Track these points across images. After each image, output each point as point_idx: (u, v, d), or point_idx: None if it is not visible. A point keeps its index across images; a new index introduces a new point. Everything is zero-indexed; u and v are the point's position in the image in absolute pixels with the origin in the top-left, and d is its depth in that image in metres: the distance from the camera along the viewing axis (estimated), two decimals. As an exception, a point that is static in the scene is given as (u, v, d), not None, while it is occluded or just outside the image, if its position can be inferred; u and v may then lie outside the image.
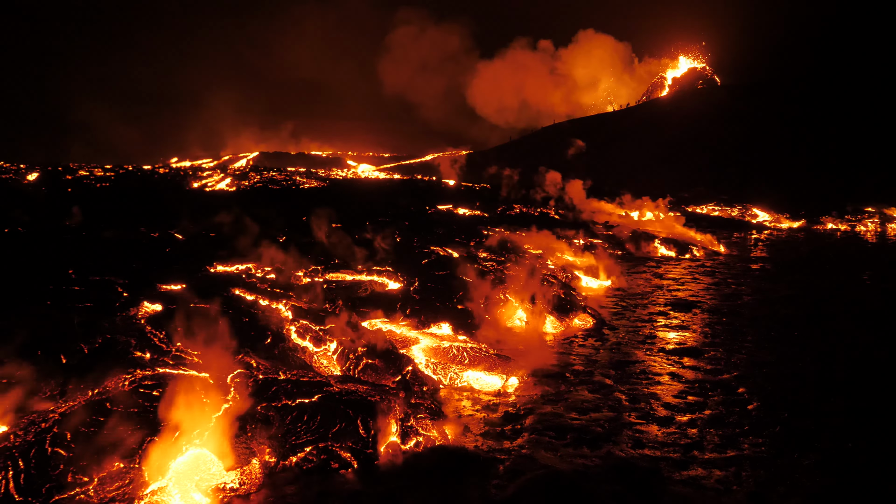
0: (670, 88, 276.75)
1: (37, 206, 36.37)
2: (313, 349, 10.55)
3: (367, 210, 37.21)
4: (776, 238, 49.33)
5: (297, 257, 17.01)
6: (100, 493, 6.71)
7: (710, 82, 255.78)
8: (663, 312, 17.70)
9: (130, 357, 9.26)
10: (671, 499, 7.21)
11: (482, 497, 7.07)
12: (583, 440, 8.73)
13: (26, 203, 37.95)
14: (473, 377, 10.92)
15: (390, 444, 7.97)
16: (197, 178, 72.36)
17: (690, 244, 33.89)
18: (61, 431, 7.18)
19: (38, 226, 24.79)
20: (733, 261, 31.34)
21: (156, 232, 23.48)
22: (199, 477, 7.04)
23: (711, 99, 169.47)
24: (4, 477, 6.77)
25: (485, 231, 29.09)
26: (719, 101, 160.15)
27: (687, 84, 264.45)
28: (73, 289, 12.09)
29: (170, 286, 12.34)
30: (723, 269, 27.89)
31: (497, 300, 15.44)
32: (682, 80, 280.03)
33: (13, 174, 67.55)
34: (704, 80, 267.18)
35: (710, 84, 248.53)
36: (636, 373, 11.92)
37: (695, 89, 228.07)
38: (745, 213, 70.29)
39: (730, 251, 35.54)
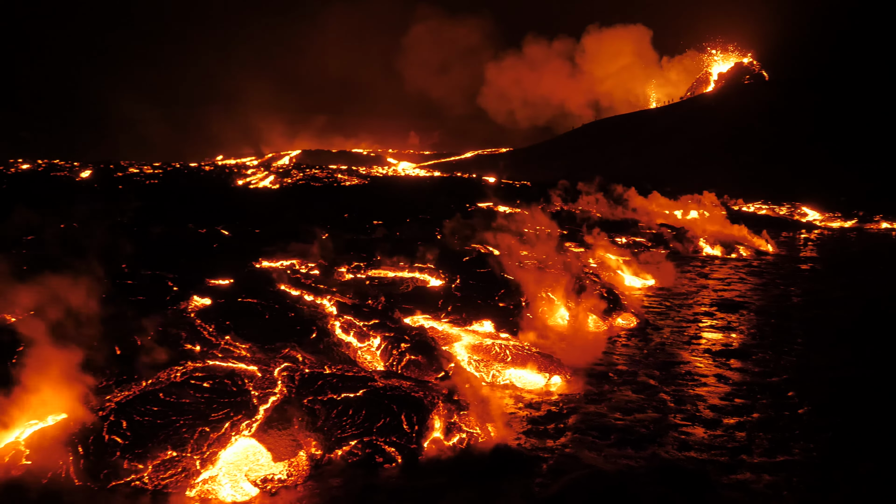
0: (716, 84, 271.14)
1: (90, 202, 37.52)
2: (357, 345, 10.67)
3: (407, 207, 37.41)
4: (827, 237, 47.99)
5: (339, 254, 17.21)
6: (154, 479, 6.92)
7: (758, 77, 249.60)
8: (709, 313, 17.40)
9: (181, 349, 9.50)
10: (719, 502, 7.10)
11: (525, 495, 7.07)
12: (627, 441, 8.66)
13: (80, 199, 39.18)
14: (516, 375, 10.92)
15: (434, 439, 8.02)
16: (241, 176, 73.62)
17: (737, 243, 33.19)
18: (117, 420, 7.43)
19: (91, 221, 25.56)
20: (782, 261, 30.61)
21: (203, 228, 24.01)
22: (248, 467, 7.20)
23: (759, 94, 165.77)
24: (65, 462, 7.03)
25: (525, 228, 28.97)
26: (767, 97, 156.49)
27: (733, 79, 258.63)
28: (126, 283, 12.45)
29: (218, 281, 12.62)
30: (771, 269, 27.26)
31: (539, 298, 15.37)
32: (728, 76, 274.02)
33: (68, 171, 69.73)
34: (752, 75, 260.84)
35: (757, 79, 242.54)
36: (681, 374, 11.75)
37: (741, 85, 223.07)
38: (794, 212, 68.51)
39: (778, 251, 34.69)
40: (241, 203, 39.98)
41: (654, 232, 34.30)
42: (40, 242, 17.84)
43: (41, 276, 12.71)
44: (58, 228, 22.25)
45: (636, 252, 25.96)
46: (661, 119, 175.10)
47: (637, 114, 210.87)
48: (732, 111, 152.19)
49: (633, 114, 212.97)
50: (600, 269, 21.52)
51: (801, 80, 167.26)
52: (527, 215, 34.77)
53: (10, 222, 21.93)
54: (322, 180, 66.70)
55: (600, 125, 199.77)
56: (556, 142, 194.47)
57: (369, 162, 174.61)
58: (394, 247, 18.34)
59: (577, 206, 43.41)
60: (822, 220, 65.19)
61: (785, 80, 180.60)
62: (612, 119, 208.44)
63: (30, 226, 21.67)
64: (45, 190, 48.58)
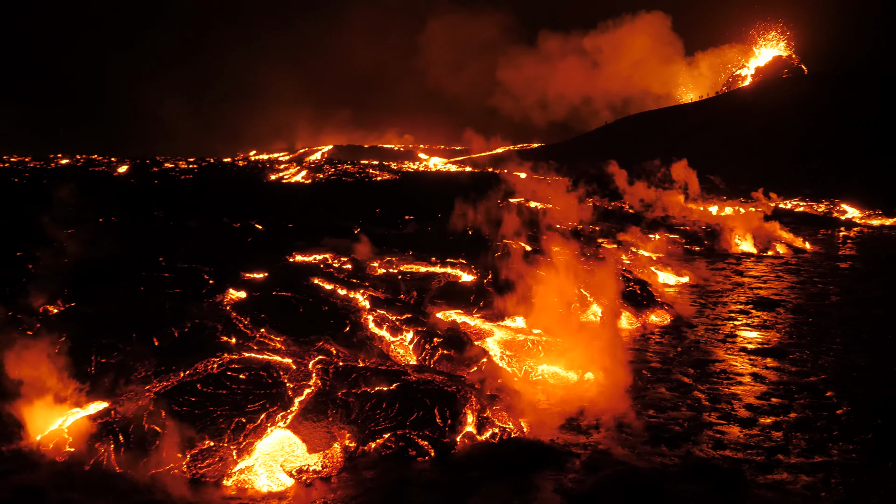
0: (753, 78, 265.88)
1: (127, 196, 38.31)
2: (390, 338, 10.74)
3: (438, 202, 37.42)
4: (867, 235, 46.84)
5: (371, 248, 17.30)
6: (192, 468, 7.06)
7: (797, 71, 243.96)
8: (744, 311, 17.13)
9: (217, 341, 9.65)
10: (754, 502, 7.01)
11: (558, 490, 7.06)
12: (661, 438, 8.58)
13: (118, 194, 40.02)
14: (548, 371, 10.89)
15: (466, 434, 8.05)
16: (274, 171, 74.41)
17: (773, 240, 32.58)
18: (156, 409, 7.60)
19: (129, 215, 26.12)
20: (820, 259, 29.96)
21: (237, 222, 24.38)
22: (283, 458, 7.30)
23: (797, 89, 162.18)
24: (106, 450, 7.22)
25: (557, 225, 28.81)
26: (806, 92, 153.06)
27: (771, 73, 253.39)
28: (164, 275, 12.68)
29: (252, 274, 12.78)
30: (808, 267, 26.71)
31: (571, 295, 15.28)
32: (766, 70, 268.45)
33: (105, 166, 71.24)
34: (790, 69, 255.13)
35: (796, 73, 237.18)
36: (716, 372, 11.60)
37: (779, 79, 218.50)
38: (833, 209, 66.91)
39: (816, 248, 33.96)
40: (273, 198, 40.45)
41: (687, 229, 33.85)
42: (80, 236, 18.26)
43: (81, 269, 13.04)
44: (97, 222, 22.79)
45: (669, 248, 25.68)
46: (697, 114, 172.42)
47: (671, 109, 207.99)
48: (770, 106, 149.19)
49: (667, 109, 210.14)
50: (633, 265, 21.32)
51: (841, 73, 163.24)
52: (558, 211, 34.57)
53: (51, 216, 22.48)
54: (353, 175, 67.13)
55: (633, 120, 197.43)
56: (588, 137, 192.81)
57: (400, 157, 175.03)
58: (425, 242, 18.40)
59: (609, 202, 43.03)
60: (862, 218, 63.57)
61: (825, 74, 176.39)
62: (646, 114, 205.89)
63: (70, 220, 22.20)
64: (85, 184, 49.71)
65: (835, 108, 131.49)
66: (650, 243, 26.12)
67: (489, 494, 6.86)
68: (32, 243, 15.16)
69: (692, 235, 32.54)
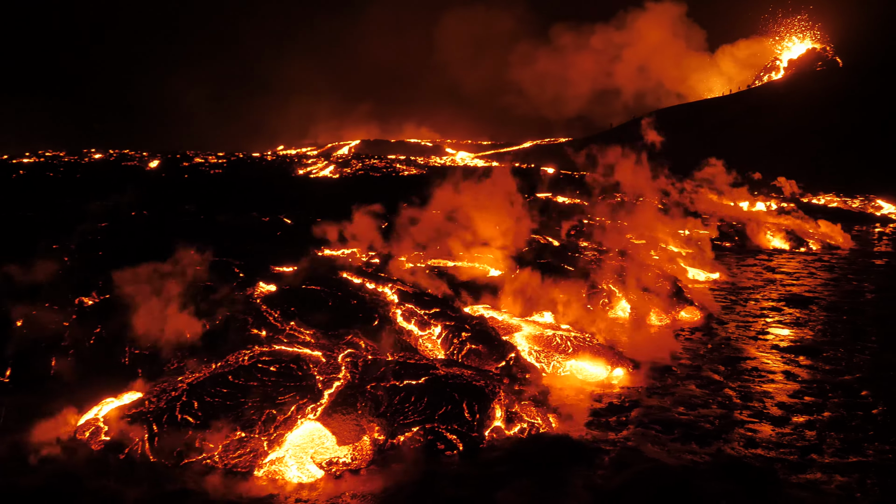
0: (785, 71, 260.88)
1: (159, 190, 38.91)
2: (418, 332, 10.77)
3: (466, 197, 37.38)
4: (903, 232, 45.78)
5: (399, 242, 17.35)
6: (224, 459, 7.17)
7: (831, 64, 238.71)
8: (776, 308, 16.86)
9: (248, 334, 9.78)
10: (787, 502, 6.91)
11: (587, 487, 7.02)
12: (691, 436, 8.49)
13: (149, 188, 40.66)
14: (577, 367, 10.83)
15: (495, 428, 8.05)
16: (302, 165, 75.02)
17: (806, 237, 32.02)
18: (189, 400, 7.72)
19: (160, 209, 26.51)
20: (854, 255, 29.37)
21: (266, 216, 24.60)
22: (313, 450, 7.37)
23: (832, 82, 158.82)
24: (141, 439, 7.35)
25: (585, 220, 28.62)
26: (841, 84, 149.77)
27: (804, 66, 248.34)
28: (195, 269, 12.84)
29: (282, 268, 12.91)
30: (843, 263, 26.20)
31: (599, 290, 15.19)
32: (799, 62, 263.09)
33: (137, 161, 72.42)
34: (824, 61, 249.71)
35: (830, 66, 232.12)
36: (747, 369, 11.44)
37: (813, 71, 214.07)
38: (868, 205, 65.45)
39: (851, 245, 33.28)
40: (302, 192, 40.77)
41: (717, 224, 33.38)
42: (113, 229, 18.60)
43: (114, 262, 13.27)
44: (129, 216, 23.18)
45: (699, 244, 25.33)
46: (728, 108, 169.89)
47: (701, 102, 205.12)
48: (803, 99, 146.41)
49: (698, 102, 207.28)
50: (663, 261, 21.09)
51: (877, 66, 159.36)
52: (586, 206, 34.34)
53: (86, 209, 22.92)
54: (381, 170, 67.38)
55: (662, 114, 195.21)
56: (616, 131, 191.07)
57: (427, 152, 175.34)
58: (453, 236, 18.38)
59: (637, 198, 42.59)
60: (899, 214, 62.14)
61: (860, 67, 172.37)
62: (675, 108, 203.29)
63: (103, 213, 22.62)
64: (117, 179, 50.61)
65: (870, 101, 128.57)
66: (679, 239, 25.81)
67: (518, 489, 6.85)
68: (68, 235, 15.46)
69: (723, 231, 32.10)
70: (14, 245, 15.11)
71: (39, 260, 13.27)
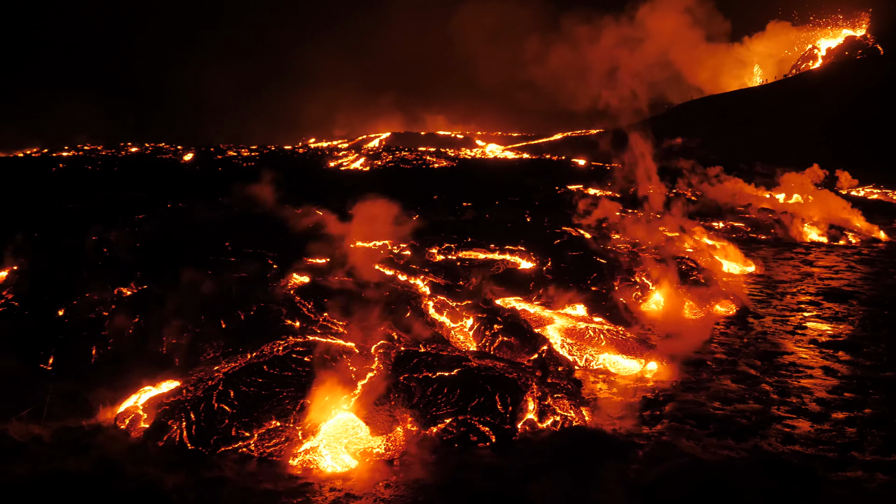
0: (824, 60, 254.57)
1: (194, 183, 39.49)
2: (450, 324, 10.79)
3: (496, 189, 37.33)
4: (947, 225, 44.47)
5: (430, 235, 17.38)
6: (259, 447, 7.27)
7: (872, 52, 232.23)
8: (814, 302, 16.51)
9: (282, 325, 9.88)
10: (827, 500, 6.78)
11: (621, 481, 6.96)
12: (727, 431, 8.37)
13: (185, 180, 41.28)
14: (610, 360, 10.75)
15: (527, 421, 8.03)
16: (333, 158, 75.44)
17: (845, 229, 31.27)
18: (225, 389, 7.84)
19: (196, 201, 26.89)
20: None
21: (299, 209, 24.79)
22: (347, 440, 7.44)
23: (872, 70, 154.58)
24: (178, 427, 7.49)
25: (617, 212, 28.35)
26: (881, 73, 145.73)
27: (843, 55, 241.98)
28: (230, 260, 13.04)
29: (315, 260, 13.02)
30: (884, 257, 25.52)
31: (632, 283, 15.05)
32: (838, 51, 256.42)
33: (172, 154, 73.59)
34: (865, 49, 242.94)
35: (871, 54, 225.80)
36: (784, 364, 11.23)
37: (853, 60, 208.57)
38: (910, 197, 63.70)
39: (891, 238, 32.43)
40: (333, 184, 41.04)
41: (752, 216, 32.81)
42: (150, 221, 18.92)
43: (153, 253, 13.52)
44: (165, 208, 23.57)
45: (734, 237, 24.95)
46: (764, 98, 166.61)
47: (736, 92, 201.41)
48: (842, 88, 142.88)
49: (733, 92, 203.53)
50: (697, 253, 20.80)
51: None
52: (618, 198, 34.02)
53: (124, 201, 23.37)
54: (411, 162, 67.44)
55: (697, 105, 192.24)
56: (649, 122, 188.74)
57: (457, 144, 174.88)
58: (483, 229, 18.38)
59: (670, 190, 42.04)
60: (942, 206, 60.37)
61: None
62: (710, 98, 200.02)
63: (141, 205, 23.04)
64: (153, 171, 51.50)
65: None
66: (714, 231, 25.44)
67: (551, 482, 6.83)
68: (107, 227, 15.78)
69: (758, 223, 31.53)
70: (55, 237, 15.49)
71: (79, 251, 13.59)
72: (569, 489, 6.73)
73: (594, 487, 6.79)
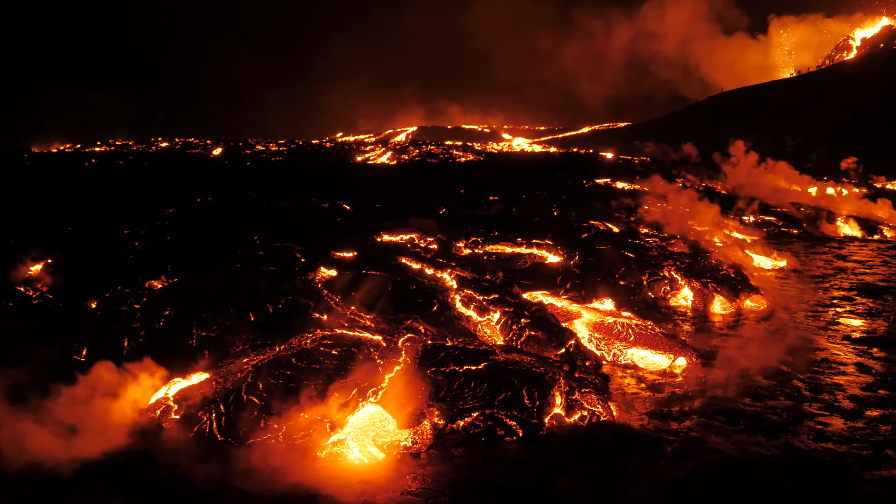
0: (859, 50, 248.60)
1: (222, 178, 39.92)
2: (477, 318, 10.78)
3: (523, 183, 37.12)
4: None
5: (457, 229, 17.38)
6: (288, 439, 7.34)
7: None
8: (848, 297, 16.18)
9: (310, 318, 9.96)
10: (860, 498, 6.65)
11: (649, 476, 6.91)
12: (758, 428, 8.25)
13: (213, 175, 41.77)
14: (638, 355, 10.66)
15: (555, 415, 8.00)
16: (360, 152, 75.66)
17: (880, 224, 30.58)
18: (254, 381, 7.92)
19: (224, 196, 27.21)
20: (933, 243, 27.90)
21: (326, 203, 24.98)
22: (374, 433, 7.48)
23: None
24: (209, 418, 7.59)
25: (645, 206, 28.05)
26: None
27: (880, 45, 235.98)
28: (258, 253, 13.17)
29: (342, 253, 13.09)
30: (920, 252, 24.93)
31: (661, 278, 14.90)
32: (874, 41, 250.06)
33: (201, 149, 74.44)
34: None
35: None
36: (817, 361, 11.04)
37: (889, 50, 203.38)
38: (948, 191, 62.01)
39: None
40: (360, 179, 41.19)
41: (784, 210, 32.23)
42: (180, 215, 19.18)
43: (183, 247, 13.71)
44: (194, 203, 23.88)
45: (765, 231, 24.54)
46: (796, 90, 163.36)
47: (768, 84, 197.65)
48: (877, 80, 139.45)
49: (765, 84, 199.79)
50: (727, 248, 20.51)
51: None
52: (647, 192, 33.65)
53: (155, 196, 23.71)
54: (438, 156, 67.36)
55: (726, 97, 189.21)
56: (679, 115, 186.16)
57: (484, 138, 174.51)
58: (511, 222, 18.32)
59: (700, 183, 41.47)
60: (982, 200, 58.67)
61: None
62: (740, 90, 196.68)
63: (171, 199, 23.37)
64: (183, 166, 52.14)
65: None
66: (745, 225, 25.04)
67: (578, 477, 6.80)
68: (138, 222, 16.04)
69: (790, 217, 30.98)
70: (88, 231, 15.79)
71: (111, 245, 13.84)
72: (597, 484, 6.70)
73: (622, 483, 6.75)
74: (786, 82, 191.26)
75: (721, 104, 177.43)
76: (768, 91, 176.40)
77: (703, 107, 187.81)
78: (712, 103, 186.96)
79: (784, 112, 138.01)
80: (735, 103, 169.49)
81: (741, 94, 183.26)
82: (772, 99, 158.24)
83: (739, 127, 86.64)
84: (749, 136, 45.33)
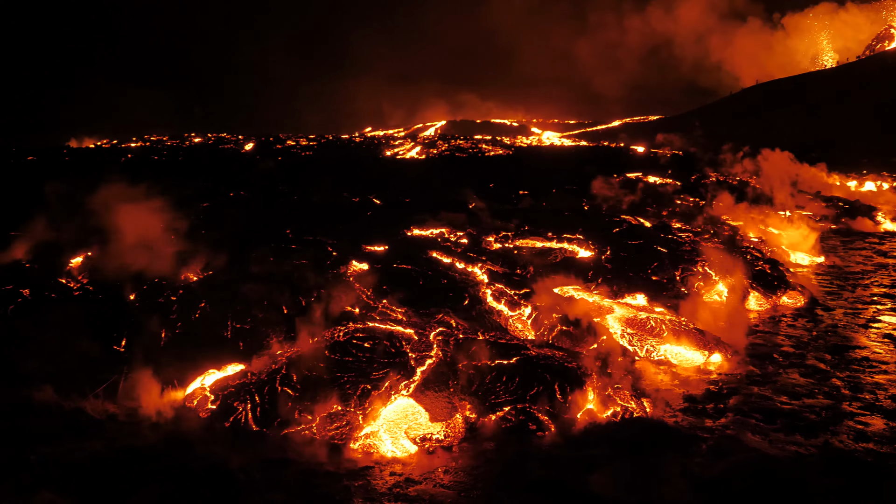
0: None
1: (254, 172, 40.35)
2: (508, 313, 10.76)
3: (553, 177, 36.87)
4: None
5: (487, 223, 17.32)
6: (321, 430, 7.42)
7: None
8: (889, 294, 15.79)
9: (343, 311, 10.03)
10: (902, 500, 6.51)
11: (683, 474, 6.83)
12: (795, 426, 8.11)
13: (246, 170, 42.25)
14: (672, 351, 10.54)
15: (587, 411, 7.95)
16: (389, 147, 75.88)
17: (923, 219, 29.76)
18: (288, 373, 8.01)
19: (256, 190, 27.50)
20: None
21: (356, 197, 25.09)
22: (406, 425, 7.52)
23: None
24: (244, 409, 7.70)
25: (678, 200, 27.68)
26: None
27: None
28: (291, 247, 13.28)
29: (374, 247, 13.15)
30: (964, 248, 24.21)
31: (694, 273, 14.66)
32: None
33: (233, 144, 75.35)
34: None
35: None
36: (856, 359, 10.80)
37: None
38: None
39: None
40: (390, 173, 41.33)
41: (821, 205, 31.55)
42: (214, 210, 19.43)
43: (216, 241, 13.88)
44: (227, 197, 24.18)
45: (802, 226, 24.00)
46: (835, 81, 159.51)
47: (806, 76, 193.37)
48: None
49: (802, 75, 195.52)
50: (762, 243, 20.15)
51: None
52: (679, 186, 33.19)
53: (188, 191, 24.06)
54: (467, 151, 67.26)
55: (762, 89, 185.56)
56: (712, 108, 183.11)
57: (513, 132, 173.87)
58: (541, 216, 18.21)
59: (733, 177, 40.80)
60: None
61: None
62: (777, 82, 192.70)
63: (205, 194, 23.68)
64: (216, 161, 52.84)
65: None
66: (780, 220, 24.54)
67: (611, 473, 6.75)
68: (173, 216, 16.27)
69: (828, 212, 30.32)
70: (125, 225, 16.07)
71: (148, 239, 14.07)
72: (630, 481, 6.64)
73: (656, 480, 6.69)
74: (826, 73, 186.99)
75: (758, 96, 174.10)
76: (807, 82, 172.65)
77: (737, 98, 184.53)
78: (749, 95, 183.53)
79: (824, 104, 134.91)
80: (771, 94, 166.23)
81: (778, 86, 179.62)
82: (811, 91, 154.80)
83: (776, 119, 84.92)
84: (786, 129, 44.46)
